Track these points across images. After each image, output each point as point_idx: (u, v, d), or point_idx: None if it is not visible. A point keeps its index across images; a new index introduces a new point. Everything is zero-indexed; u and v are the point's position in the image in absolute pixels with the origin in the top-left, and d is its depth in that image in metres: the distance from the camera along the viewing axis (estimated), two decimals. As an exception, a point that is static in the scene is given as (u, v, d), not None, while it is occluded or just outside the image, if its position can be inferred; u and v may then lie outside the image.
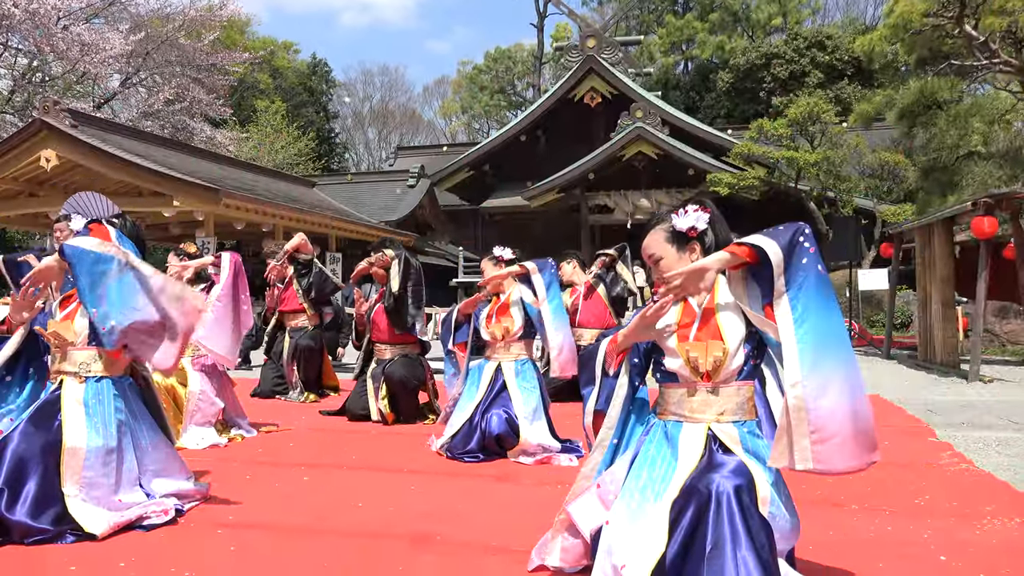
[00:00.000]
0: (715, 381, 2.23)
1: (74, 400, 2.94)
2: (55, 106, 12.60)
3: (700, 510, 2.04)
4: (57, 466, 2.81)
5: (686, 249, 2.30)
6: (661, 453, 2.25)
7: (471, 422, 4.23)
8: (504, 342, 4.42)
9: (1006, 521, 2.92)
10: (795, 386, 2.01)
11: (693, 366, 2.24)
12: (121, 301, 2.88)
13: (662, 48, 39.25)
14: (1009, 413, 5.70)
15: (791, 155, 17.57)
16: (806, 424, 1.99)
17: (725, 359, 2.21)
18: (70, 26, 19.80)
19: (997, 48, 11.71)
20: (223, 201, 12.54)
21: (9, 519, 2.68)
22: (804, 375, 2.01)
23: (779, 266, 2.08)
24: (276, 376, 6.70)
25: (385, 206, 20.98)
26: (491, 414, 4.20)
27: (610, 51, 24.56)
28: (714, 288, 2.29)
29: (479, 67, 45.20)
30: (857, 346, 12.19)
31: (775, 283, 2.09)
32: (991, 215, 7.81)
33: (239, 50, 24.50)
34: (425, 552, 2.64)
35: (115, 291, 2.88)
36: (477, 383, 4.40)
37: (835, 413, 1.99)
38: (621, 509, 2.21)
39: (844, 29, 33.75)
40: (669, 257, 2.30)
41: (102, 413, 2.95)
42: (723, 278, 2.30)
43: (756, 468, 2.12)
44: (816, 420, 1.99)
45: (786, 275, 2.08)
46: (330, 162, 37.47)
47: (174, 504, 3.01)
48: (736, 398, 2.25)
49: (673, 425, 2.28)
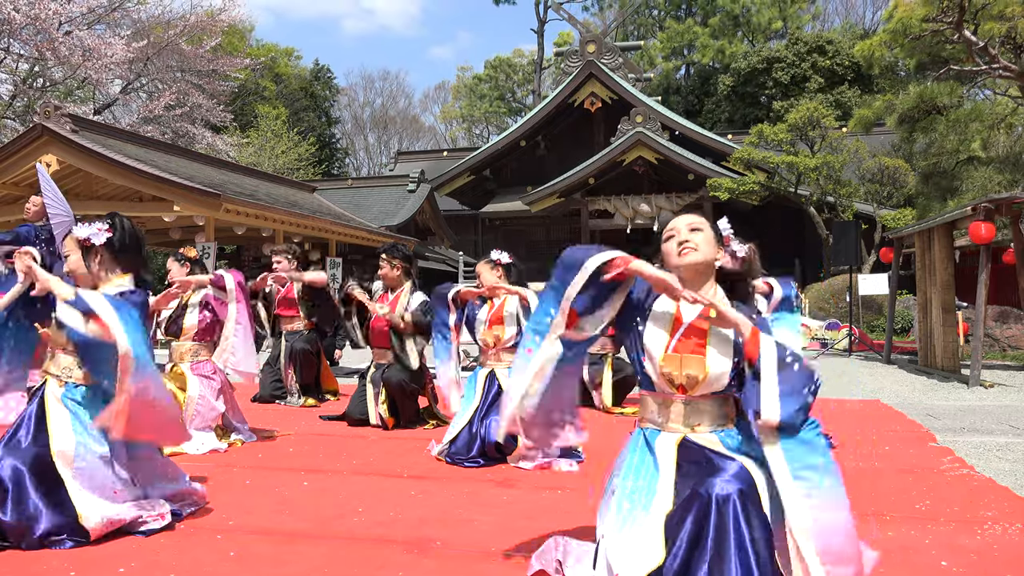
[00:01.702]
0: (690, 395, 2.25)
1: (55, 399, 2.96)
2: (56, 111, 12.61)
3: (701, 518, 2.04)
4: (51, 467, 2.81)
5: (719, 247, 2.35)
6: (644, 462, 2.28)
7: (470, 428, 4.24)
8: (495, 350, 4.44)
9: (1007, 526, 2.92)
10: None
11: (667, 378, 2.25)
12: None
13: (663, 53, 39.33)
14: (1009, 418, 5.69)
15: (791, 160, 17.60)
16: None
17: (702, 380, 2.22)
18: (72, 31, 19.84)
19: (996, 53, 11.73)
20: (224, 206, 12.54)
21: (4, 522, 2.68)
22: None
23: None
24: (275, 380, 6.69)
25: (385, 211, 20.99)
26: (489, 420, 4.21)
27: (610, 56, 24.62)
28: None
29: (478, 76, 45.32)
30: (857, 351, 12.19)
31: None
32: (990, 220, 7.81)
33: (240, 56, 24.56)
34: (425, 557, 2.64)
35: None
36: (473, 389, 4.43)
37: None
38: (612, 519, 2.23)
39: (844, 34, 33.83)
40: (707, 236, 2.31)
41: (86, 416, 2.95)
42: (727, 302, 2.31)
43: (752, 466, 2.13)
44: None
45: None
46: (330, 167, 37.54)
47: (171, 508, 3.01)
48: (712, 411, 2.26)
49: (651, 433, 2.31)
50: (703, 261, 2.28)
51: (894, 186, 17.37)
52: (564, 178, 21.81)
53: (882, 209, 17.70)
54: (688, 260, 2.27)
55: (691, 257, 2.27)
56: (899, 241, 10.97)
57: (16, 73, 21.04)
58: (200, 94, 22.41)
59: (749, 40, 38.55)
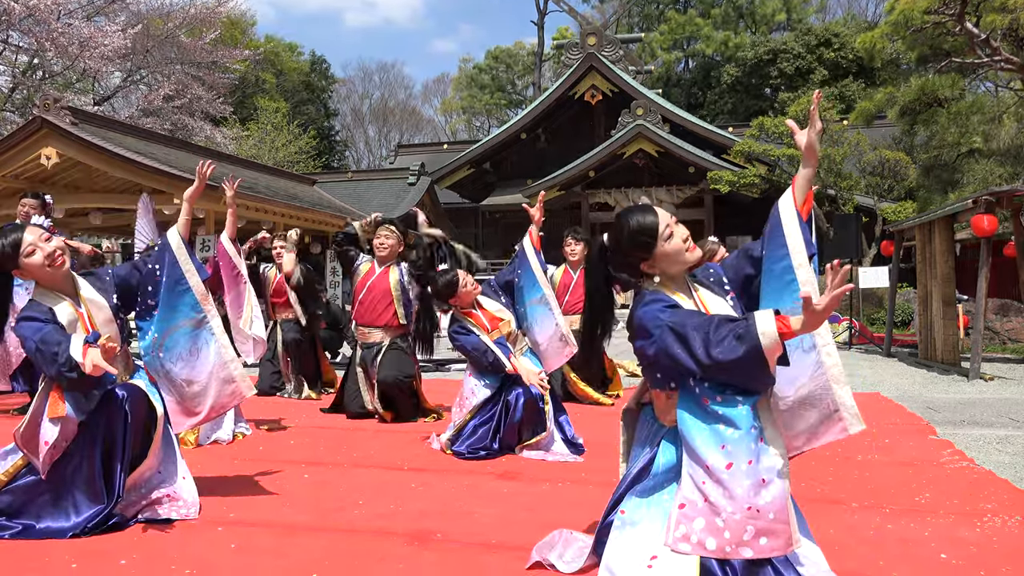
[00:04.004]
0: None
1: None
2: (55, 103, 12.59)
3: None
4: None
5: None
6: (643, 454, 2.28)
7: (488, 419, 4.18)
8: (509, 340, 4.44)
9: (1006, 519, 2.92)
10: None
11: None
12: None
13: (663, 45, 39.21)
14: (1009, 411, 5.69)
15: (792, 152, 17.56)
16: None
17: None
18: (72, 24, 19.78)
19: (998, 46, 11.68)
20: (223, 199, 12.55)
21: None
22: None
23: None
24: (274, 372, 6.69)
25: (385, 204, 20.94)
26: (516, 390, 4.17)
27: (611, 48, 24.55)
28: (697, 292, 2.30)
29: (479, 66, 45.21)
30: (858, 344, 12.19)
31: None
32: (991, 213, 7.80)
33: (240, 48, 24.49)
34: (425, 549, 2.64)
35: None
36: (494, 386, 4.33)
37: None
38: (623, 509, 2.23)
39: (848, 26, 33.71)
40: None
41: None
42: (708, 293, 2.31)
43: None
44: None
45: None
46: (330, 160, 37.50)
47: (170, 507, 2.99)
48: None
49: (658, 427, 2.31)
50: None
51: (895, 179, 17.34)
52: (564, 171, 21.78)
53: (883, 202, 17.68)
54: (699, 254, 2.28)
55: (699, 251, 2.29)
56: (900, 234, 10.96)
57: (15, 65, 20.99)
58: (200, 86, 22.36)
59: (752, 31, 38.43)
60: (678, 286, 2.28)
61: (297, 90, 36.00)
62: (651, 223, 2.21)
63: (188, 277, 3.18)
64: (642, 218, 2.23)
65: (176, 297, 3.17)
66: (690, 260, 2.24)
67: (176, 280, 3.16)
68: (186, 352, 3.17)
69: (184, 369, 3.17)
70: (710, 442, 2.00)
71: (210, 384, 3.19)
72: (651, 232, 2.21)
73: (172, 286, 3.16)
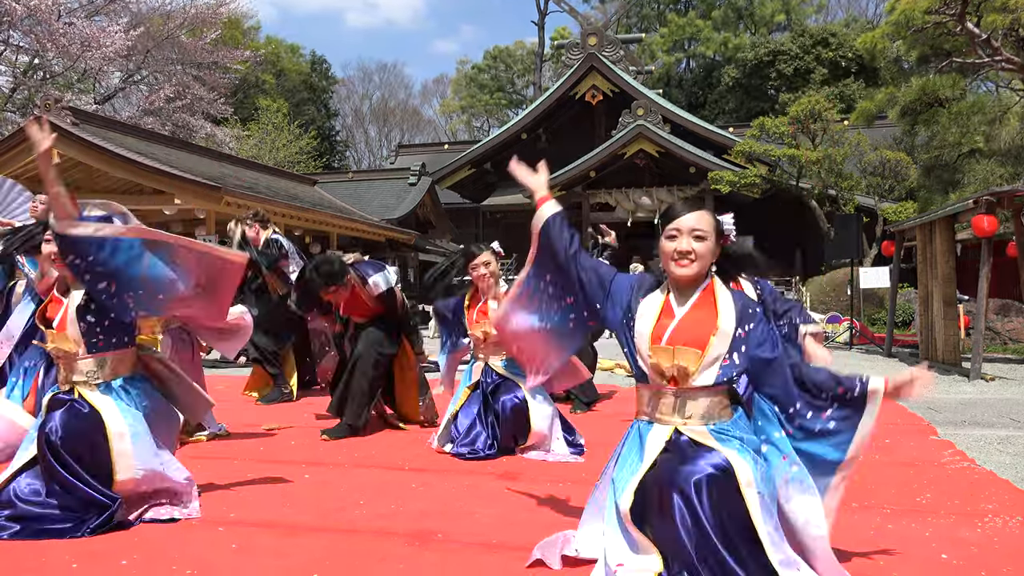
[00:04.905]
0: (682, 387, 2.24)
1: (95, 397, 2.95)
2: (56, 104, 12.61)
3: (659, 507, 2.08)
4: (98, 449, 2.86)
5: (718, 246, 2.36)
6: (631, 454, 2.30)
7: (476, 421, 4.22)
8: (487, 343, 4.37)
9: (1007, 519, 2.92)
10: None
11: (658, 371, 2.25)
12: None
13: (663, 47, 39.23)
14: (1010, 411, 5.69)
15: (792, 153, 17.57)
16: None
17: (694, 370, 2.21)
18: (72, 24, 19.79)
19: (999, 46, 11.68)
20: (224, 199, 12.55)
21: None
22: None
23: None
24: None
25: (386, 204, 20.98)
26: (500, 399, 4.20)
27: (611, 49, 24.56)
28: (711, 299, 2.29)
29: (478, 66, 45.21)
30: (858, 344, 12.19)
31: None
32: (992, 213, 7.79)
33: (241, 48, 24.52)
34: (426, 550, 2.64)
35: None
36: (469, 381, 4.42)
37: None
38: (593, 509, 2.33)
39: (850, 27, 33.73)
40: (709, 244, 2.30)
41: (132, 403, 2.99)
42: (727, 294, 2.31)
43: (736, 457, 2.13)
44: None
45: None
46: (331, 160, 37.52)
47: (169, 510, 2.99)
48: (705, 403, 2.25)
49: (645, 425, 2.32)
50: (700, 273, 2.28)
51: (896, 179, 17.34)
52: (565, 171, 21.78)
53: (884, 202, 17.68)
54: (683, 273, 2.27)
55: (687, 271, 2.27)
56: (900, 234, 10.95)
57: (16, 65, 21.01)
58: (200, 86, 22.38)
59: (752, 33, 38.45)
60: (678, 286, 2.34)
61: (298, 90, 36.02)
62: (673, 213, 2.33)
63: (102, 234, 2.86)
64: (670, 209, 2.36)
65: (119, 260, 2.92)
66: (671, 271, 2.30)
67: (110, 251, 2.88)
68: (169, 268, 2.99)
69: (185, 276, 3.03)
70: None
71: (203, 273, 3.10)
72: (669, 226, 2.32)
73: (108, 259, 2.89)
